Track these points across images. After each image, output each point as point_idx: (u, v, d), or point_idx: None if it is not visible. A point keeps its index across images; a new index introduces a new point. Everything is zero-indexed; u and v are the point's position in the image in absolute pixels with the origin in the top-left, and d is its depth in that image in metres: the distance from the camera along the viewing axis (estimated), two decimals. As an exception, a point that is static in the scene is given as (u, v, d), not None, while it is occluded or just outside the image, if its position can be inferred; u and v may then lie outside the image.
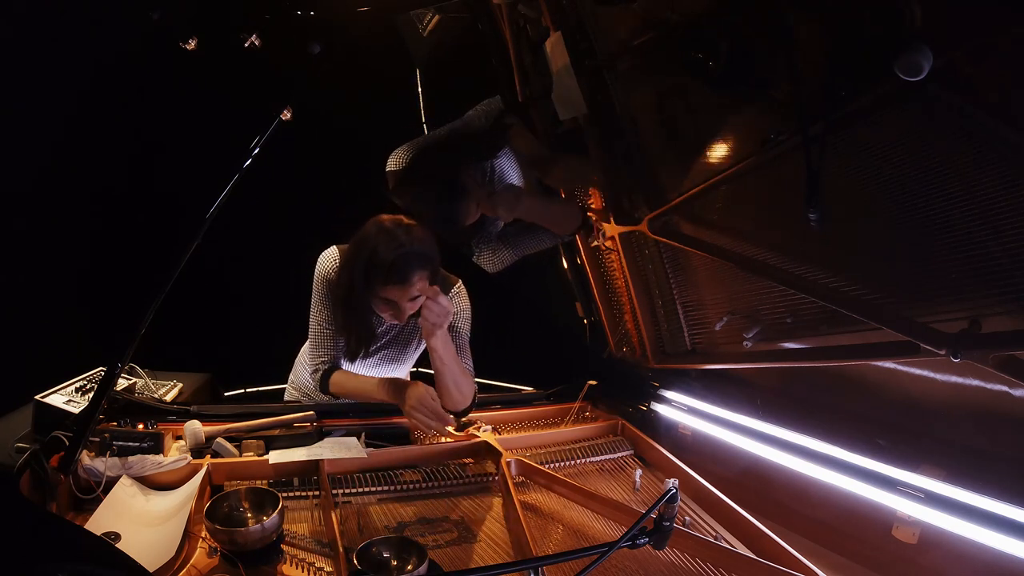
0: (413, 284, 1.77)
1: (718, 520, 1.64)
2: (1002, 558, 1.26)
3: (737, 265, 1.79)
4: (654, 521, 1.15)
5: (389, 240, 1.74)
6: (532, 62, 2.27)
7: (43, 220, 3.29)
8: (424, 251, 1.78)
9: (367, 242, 1.77)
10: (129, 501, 1.56)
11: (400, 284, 1.76)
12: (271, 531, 1.45)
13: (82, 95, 3.25)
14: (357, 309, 1.88)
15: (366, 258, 1.75)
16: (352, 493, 1.72)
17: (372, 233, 1.78)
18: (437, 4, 3.11)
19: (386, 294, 1.78)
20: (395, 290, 1.77)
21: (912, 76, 1.12)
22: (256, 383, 3.83)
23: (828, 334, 1.62)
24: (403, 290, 1.77)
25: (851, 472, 1.54)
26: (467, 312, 2.06)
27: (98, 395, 1.55)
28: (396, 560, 1.43)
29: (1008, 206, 1.20)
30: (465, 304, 2.05)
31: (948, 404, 1.47)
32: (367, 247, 1.76)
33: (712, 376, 2.11)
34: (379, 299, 1.82)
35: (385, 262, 1.73)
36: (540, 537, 1.56)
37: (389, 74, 3.80)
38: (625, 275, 2.24)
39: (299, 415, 1.96)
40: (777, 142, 1.54)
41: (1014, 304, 1.24)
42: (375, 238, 1.76)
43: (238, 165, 1.59)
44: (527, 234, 2.22)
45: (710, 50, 1.53)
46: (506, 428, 2.12)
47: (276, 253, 2.38)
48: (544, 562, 1.28)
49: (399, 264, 1.73)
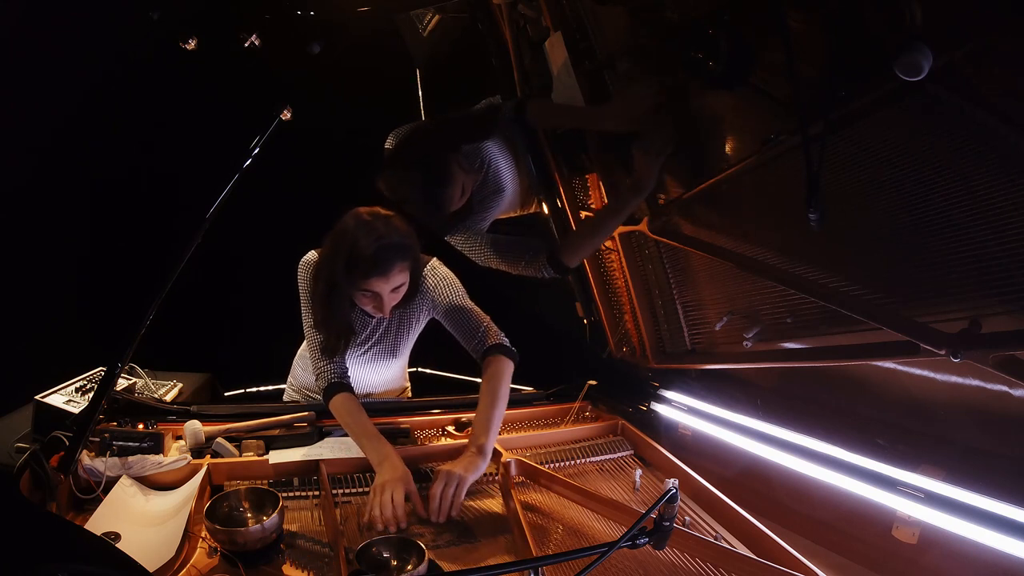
0: (394, 275, 1.77)
1: (718, 520, 1.63)
2: (1002, 558, 1.26)
3: (737, 265, 1.79)
4: (654, 521, 1.15)
5: (368, 232, 1.73)
6: (532, 62, 2.27)
7: (43, 220, 3.29)
8: (403, 241, 1.78)
9: (346, 235, 1.75)
10: (129, 501, 1.56)
11: (382, 275, 1.75)
12: (271, 531, 1.45)
13: (82, 95, 3.26)
14: (338, 305, 1.87)
15: (346, 251, 1.74)
16: (352, 493, 1.72)
17: (351, 226, 1.76)
18: (437, 4, 3.11)
19: (368, 286, 1.78)
20: (377, 282, 1.76)
21: (912, 76, 1.12)
22: (256, 383, 3.84)
23: (828, 334, 1.62)
24: (385, 281, 1.77)
25: (851, 472, 1.54)
26: (449, 278, 2.05)
27: (98, 395, 1.55)
28: (396, 560, 1.43)
29: (1008, 206, 1.19)
30: (444, 272, 2.05)
31: (948, 404, 1.47)
32: (347, 240, 1.74)
33: (712, 376, 2.11)
34: (360, 292, 1.81)
35: (365, 254, 1.72)
36: (540, 537, 1.56)
37: (389, 74, 3.81)
38: (625, 275, 2.24)
39: (299, 415, 1.96)
40: (777, 142, 1.54)
41: (1014, 304, 1.24)
42: (354, 231, 1.74)
43: (238, 165, 1.59)
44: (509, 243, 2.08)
45: (710, 50, 1.53)
46: (506, 428, 2.12)
47: (276, 253, 2.38)
48: (544, 562, 1.28)
49: (380, 255, 1.72)
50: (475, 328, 1.98)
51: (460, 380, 3.86)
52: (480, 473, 1.72)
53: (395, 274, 1.77)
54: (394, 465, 1.70)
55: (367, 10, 2.27)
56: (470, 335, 1.98)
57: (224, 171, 1.59)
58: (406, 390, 2.41)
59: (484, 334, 1.97)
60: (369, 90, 3.69)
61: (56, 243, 3.35)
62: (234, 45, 1.75)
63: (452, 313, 2.00)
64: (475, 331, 1.98)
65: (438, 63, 3.75)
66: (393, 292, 1.82)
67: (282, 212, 3.59)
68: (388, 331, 2.10)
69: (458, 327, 2.01)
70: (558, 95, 2.15)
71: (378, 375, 2.21)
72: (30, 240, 3.20)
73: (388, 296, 1.81)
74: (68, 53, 3.04)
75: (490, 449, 1.78)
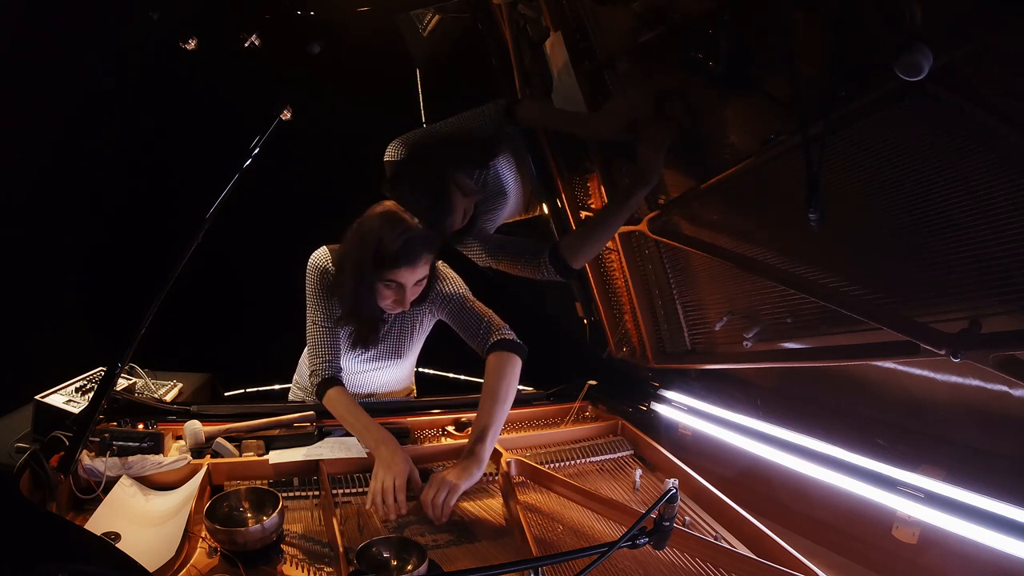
0: (420, 266, 1.81)
1: (718, 520, 1.64)
2: (1002, 558, 1.26)
3: (737, 265, 1.79)
4: (654, 521, 1.15)
5: (395, 224, 1.77)
6: (532, 62, 2.27)
7: (43, 220, 3.29)
8: (428, 233, 1.83)
9: (373, 229, 1.79)
10: (129, 501, 1.56)
11: (410, 266, 1.79)
12: (271, 531, 1.45)
13: (82, 95, 3.26)
14: (366, 295, 1.88)
15: (375, 243, 1.78)
16: (352, 493, 1.72)
17: (377, 219, 1.81)
18: (437, 4, 3.11)
19: (395, 276, 1.80)
20: (405, 272, 1.80)
21: (912, 76, 1.12)
22: (256, 383, 3.84)
23: (828, 334, 1.62)
24: (412, 272, 1.81)
25: (851, 472, 1.54)
26: (451, 275, 2.06)
27: (98, 395, 1.55)
28: (396, 560, 1.43)
29: (1008, 206, 1.20)
30: (447, 273, 2.06)
31: (948, 404, 1.47)
32: (374, 233, 1.78)
33: (712, 376, 2.11)
34: (384, 284, 1.83)
35: (395, 245, 1.76)
36: (540, 537, 1.56)
37: (389, 74, 3.81)
38: (625, 275, 2.24)
39: (299, 415, 1.96)
40: (777, 142, 1.54)
41: (1014, 304, 1.24)
42: (381, 224, 1.79)
43: (238, 165, 1.59)
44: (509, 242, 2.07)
45: (710, 50, 1.53)
46: (506, 428, 2.11)
47: (276, 253, 2.39)
48: (544, 562, 1.28)
49: (407, 246, 1.77)
50: (478, 323, 1.96)
51: (461, 380, 3.86)
52: (475, 480, 1.68)
53: (421, 265, 1.81)
54: (393, 450, 1.71)
55: (367, 10, 2.27)
56: (473, 331, 1.97)
57: (224, 171, 1.59)
58: (411, 392, 2.42)
59: (488, 329, 1.95)
60: (369, 90, 3.69)
61: (56, 243, 3.35)
62: (234, 45, 1.75)
63: (456, 311, 2.00)
64: (478, 326, 1.96)
65: (438, 63, 3.75)
66: (416, 285, 1.85)
67: (282, 212, 3.60)
68: (392, 332, 2.10)
69: (462, 324, 2.00)
70: (558, 95, 2.15)
71: (382, 376, 2.21)
72: (30, 240, 3.20)
73: (411, 288, 1.84)
74: (68, 53, 3.04)
75: (487, 454, 1.73)
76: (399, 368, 2.22)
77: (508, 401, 1.84)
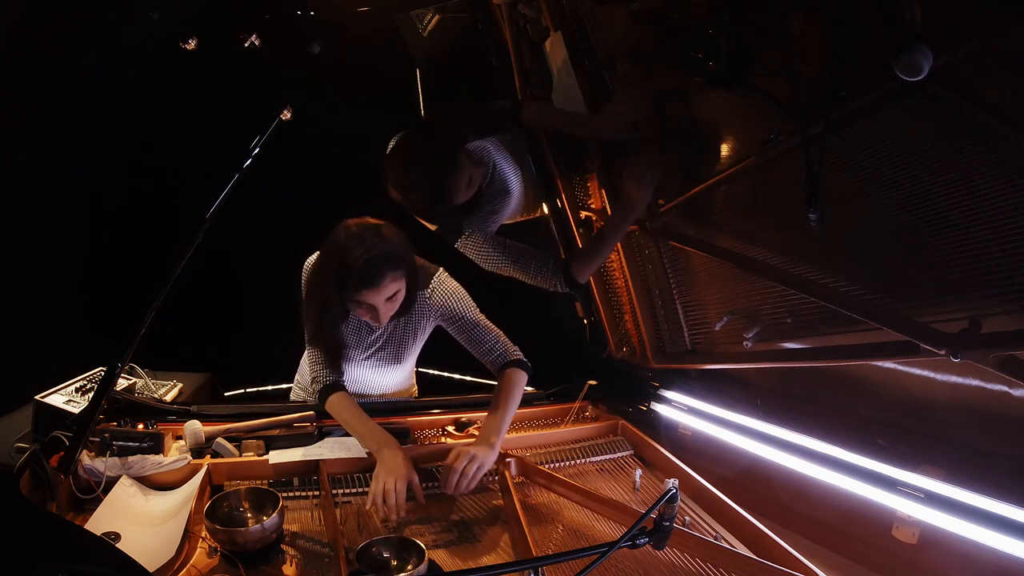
0: (386, 286, 1.77)
1: (718, 520, 1.64)
2: (1002, 558, 1.26)
3: (737, 265, 1.79)
4: (654, 521, 1.15)
5: (357, 244, 1.73)
6: (532, 62, 2.27)
7: (43, 220, 3.29)
8: (394, 251, 1.78)
9: (336, 248, 1.76)
10: (129, 501, 1.56)
11: (373, 287, 1.75)
12: (271, 531, 1.45)
13: (82, 95, 3.26)
14: (329, 323, 1.89)
15: (336, 266, 1.75)
16: (352, 493, 1.72)
17: (339, 240, 1.76)
18: (437, 4, 3.11)
19: (361, 298, 1.78)
20: (369, 294, 1.77)
21: (912, 76, 1.12)
22: (256, 383, 3.83)
23: (828, 334, 1.62)
24: (376, 292, 1.77)
25: (851, 472, 1.54)
26: (458, 293, 2.03)
27: (98, 395, 1.55)
28: (396, 560, 1.43)
29: (1008, 206, 1.19)
30: (452, 287, 2.03)
31: (948, 404, 1.47)
32: (336, 254, 1.75)
33: (712, 376, 2.11)
34: (355, 303, 1.82)
35: (356, 266, 1.72)
36: (540, 537, 1.56)
37: (389, 74, 3.80)
38: (625, 275, 2.24)
39: (299, 415, 1.96)
40: (777, 142, 1.54)
41: (1014, 304, 1.24)
42: (343, 244, 1.75)
43: (238, 165, 1.59)
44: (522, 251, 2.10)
45: (710, 50, 1.53)
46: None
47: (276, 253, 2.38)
48: (544, 562, 1.28)
49: (369, 267, 1.73)
50: (492, 345, 1.99)
51: (461, 380, 3.86)
52: (490, 464, 1.77)
53: (387, 284, 1.77)
54: (394, 453, 1.72)
55: (367, 10, 2.27)
56: (487, 351, 2.00)
57: (224, 171, 1.59)
58: (413, 392, 2.42)
59: (503, 352, 1.99)
60: (369, 90, 3.68)
61: (56, 243, 3.35)
62: (234, 45, 1.75)
63: (465, 328, 2.01)
64: (492, 348, 1.99)
65: (438, 63, 3.75)
66: (388, 302, 1.82)
67: (282, 212, 3.59)
68: (392, 338, 2.10)
69: (472, 343, 2.01)
70: (558, 95, 2.15)
71: (382, 379, 2.21)
72: (30, 240, 3.20)
73: (383, 306, 1.82)
74: (68, 53, 3.04)
75: (499, 447, 1.82)
76: (399, 372, 2.22)
77: (515, 407, 1.93)
